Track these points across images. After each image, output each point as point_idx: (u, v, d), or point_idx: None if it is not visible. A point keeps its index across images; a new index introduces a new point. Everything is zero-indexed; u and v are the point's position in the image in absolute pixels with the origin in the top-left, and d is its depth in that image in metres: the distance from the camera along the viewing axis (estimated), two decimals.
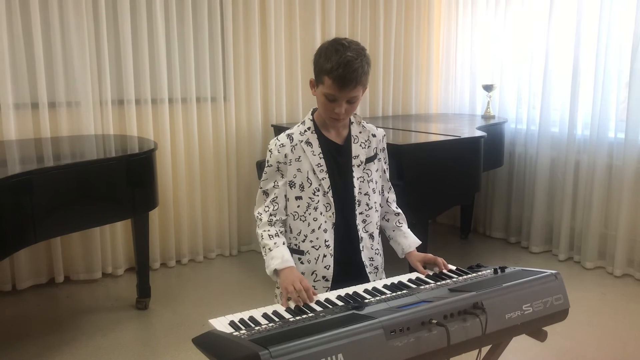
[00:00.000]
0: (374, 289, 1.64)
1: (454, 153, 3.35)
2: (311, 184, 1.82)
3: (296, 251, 1.85)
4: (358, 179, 1.86)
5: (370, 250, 1.90)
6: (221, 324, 1.41)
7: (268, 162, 1.86)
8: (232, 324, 1.41)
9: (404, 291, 1.58)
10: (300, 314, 1.46)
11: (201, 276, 3.96)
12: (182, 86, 3.99)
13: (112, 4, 3.69)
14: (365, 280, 1.85)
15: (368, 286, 1.67)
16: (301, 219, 1.84)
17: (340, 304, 1.54)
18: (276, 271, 1.72)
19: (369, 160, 1.89)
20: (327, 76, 1.71)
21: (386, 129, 3.82)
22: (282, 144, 1.84)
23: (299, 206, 1.83)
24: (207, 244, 4.27)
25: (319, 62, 1.75)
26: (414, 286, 1.66)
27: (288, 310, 1.51)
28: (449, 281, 1.66)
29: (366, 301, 1.50)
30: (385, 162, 1.97)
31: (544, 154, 4.25)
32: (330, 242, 1.84)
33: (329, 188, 1.82)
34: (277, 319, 1.43)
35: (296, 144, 1.83)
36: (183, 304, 3.47)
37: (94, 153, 3.31)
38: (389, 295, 1.55)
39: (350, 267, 1.86)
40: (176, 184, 4.06)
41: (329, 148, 1.85)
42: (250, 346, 1.16)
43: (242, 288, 3.74)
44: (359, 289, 1.65)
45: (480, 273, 1.69)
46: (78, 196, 2.82)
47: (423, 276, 1.76)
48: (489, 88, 4.50)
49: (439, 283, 1.65)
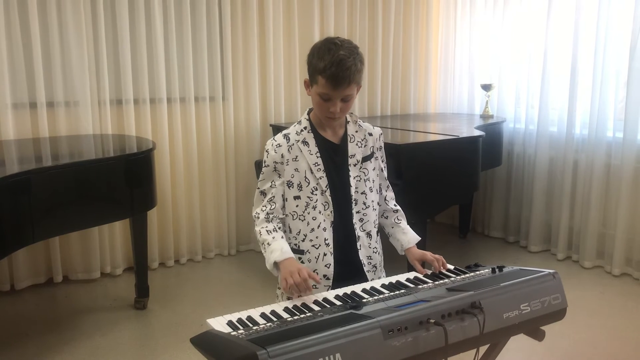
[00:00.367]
0: (372, 288, 1.64)
1: (452, 152, 3.35)
2: (309, 183, 1.82)
3: (296, 251, 1.85)
4: (354, 177, 1.86)
5: (368, 249, 1.90)
6: (219, 323, 1.41)
7: (265, 162, 1.86)
8: (230, 323, 1.41)
9: (402, 291, 1.58)
10: (298, 314, 1.46)
11: (200, 276, 3.96)
12: (180, 86, 3.99)
13: (110, 4, 3.68)
14: (364, 279, 1.86)
15: (366, 285, 1.67)
16: (300, 219, 1.84)
17: (338, 303, 1.54)
18: (276, 264, 1.71)
19: (366, 159, 1.89)
20: (321, 75, 1.71)
21: (385, 128, 3.84)
22: (279, 144, 1.84)
23: (297, 206, 1.83)
24: (205, 244, 4.27)
25: (312, 62, 1.76)
26: (412, 286, 1.66)
27: (286, 310, 1.51)
28: (447, 281, 1.67)
29: (364, 301, 1.51)
30: (382, 161, 1.97)
31: (542, 154, 4.25)
32: (330, 241, 1.84)
33: (326, 187, 1.82)
34: (275, 319, 1.43)
35: (293, 144, 1.84)
36: (181, 303, 3.46)
37: (92, 153, 3.31)
38: (386, 295, 1.55)
39: (348, 266, 1.86)
40: (175, 183, 4.06)
41: (326, 147, 1.85)
42: (248, 346, 1.16)
43: (241, 288, 3.74)
44: (357, 288, 1.65)
45: (478, 272, 1.70)
46: (76, 196, 2.82)
47: (421, 275, 1.76)
48: (487, 87, 4.50)
49: (436, 282, 1.66)
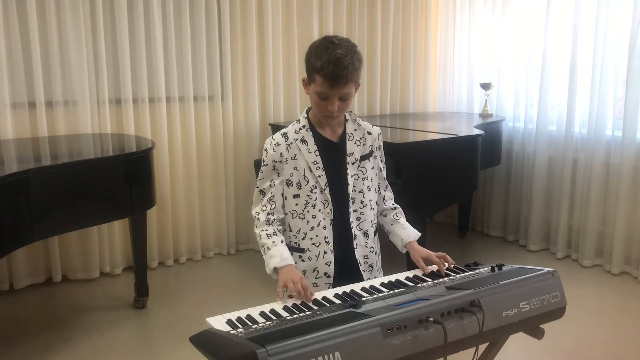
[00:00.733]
0: (372, 287, 1.64)
1: (451, 151, 3.35)
2: (308, 181, 1.82)
3: (296, 249, 1.85)
4: (352, 176, 1.86)
5: (364, 248, 1.90)
6: (219, 322, 1.41)
7: (264, 161, 1.86)
8: (230, 322, 1.41)
9: (401, 289, 1.58)
10: (298, 312, 1.46)
11: (199, 275, 3.96)
12: (179, 85, 3.98)
13: (109, 3, 3.68)
14: (359, 278, 1.86)
15: (365, 284, 1.67)
16: (300, 217, 1.84)
17: (337, 302, 1.54)
18: (276, 269, 1.72)
19: (364, 157, 1.89)
20: (318, 74, 1.71)
21: (384, 127, 3.84)
22: (278, 142, 1.84)
23: (297, 204, 1.83)
24: (205, 243, 4.27)
25: (310, 61, 1.75)
26: (411, 284, 1.66)
27: (285, 308, 1.51)
28: (446, 279, 1.67)
29: (363, 299, 1.51)
30: (381, 161, 1.97)
31: (541, 152, 4.25)
32: (330, 239, 1.84)
33: (325, 185, 1.82)
34: (274, 318, 1.43)
35: (291, 143, 1.83)
36: (181, 302, 3.46)
37: (92, 152, 3.31)
38: (386, 293, 1.55)
39: (346, 264, 1.87)
40: (174, 182, 4.06)
41: (325, 146, 1.85)
42: (248, 344, 1.16)
43: (240, 287, 3.74)
44: (357, 287, 1.65)
45: (477, 271, 1.70)
46: (75, 195, 2.82)
47: (420, 274, 1.76)
48: (486, 86, 4.50)
49: (436, 281, 1.66)
